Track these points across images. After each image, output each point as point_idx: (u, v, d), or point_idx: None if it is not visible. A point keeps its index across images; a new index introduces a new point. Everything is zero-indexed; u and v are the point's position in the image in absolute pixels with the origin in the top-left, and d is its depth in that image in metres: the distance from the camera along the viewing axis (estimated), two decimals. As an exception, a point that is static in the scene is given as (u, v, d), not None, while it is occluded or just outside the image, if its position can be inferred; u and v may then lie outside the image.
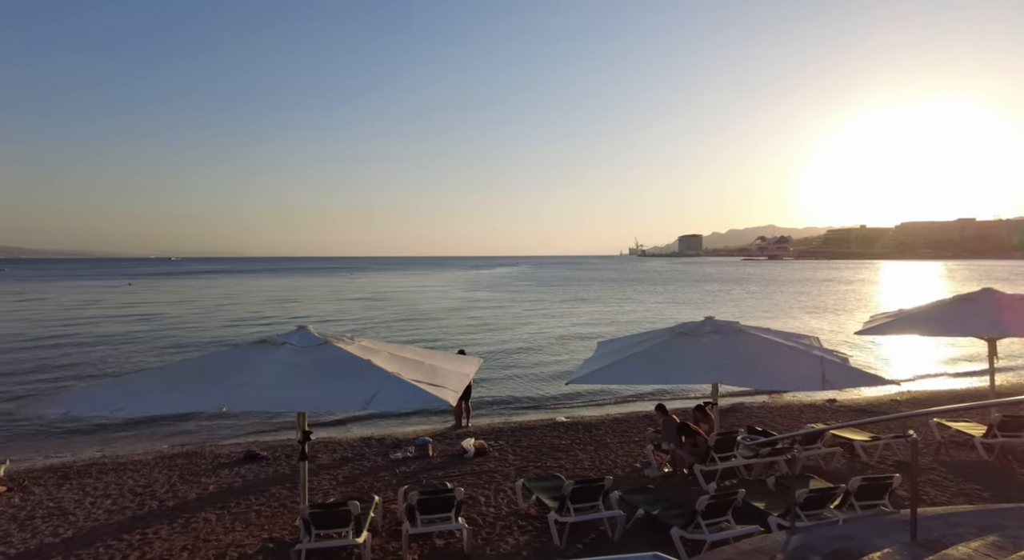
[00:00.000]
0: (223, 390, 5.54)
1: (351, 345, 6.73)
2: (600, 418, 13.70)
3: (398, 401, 5.46)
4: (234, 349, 6.57)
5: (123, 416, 8.38)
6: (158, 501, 8.73)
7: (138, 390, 5.68)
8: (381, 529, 7.50)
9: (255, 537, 7.37)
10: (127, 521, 8.00)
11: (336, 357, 6.27)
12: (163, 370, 6.22)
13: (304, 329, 6.93)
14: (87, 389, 6.10)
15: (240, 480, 9.61)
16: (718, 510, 6.52)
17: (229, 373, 5.92)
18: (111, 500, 8.80)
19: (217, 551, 6.98)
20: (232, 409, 5.14)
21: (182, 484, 9.48)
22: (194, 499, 8.80)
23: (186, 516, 8.09)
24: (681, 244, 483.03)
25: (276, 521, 7.88)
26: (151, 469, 10.37)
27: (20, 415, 10.18)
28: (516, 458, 10.56)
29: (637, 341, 9.78)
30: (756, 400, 15.56)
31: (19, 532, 7.67)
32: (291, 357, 6.23)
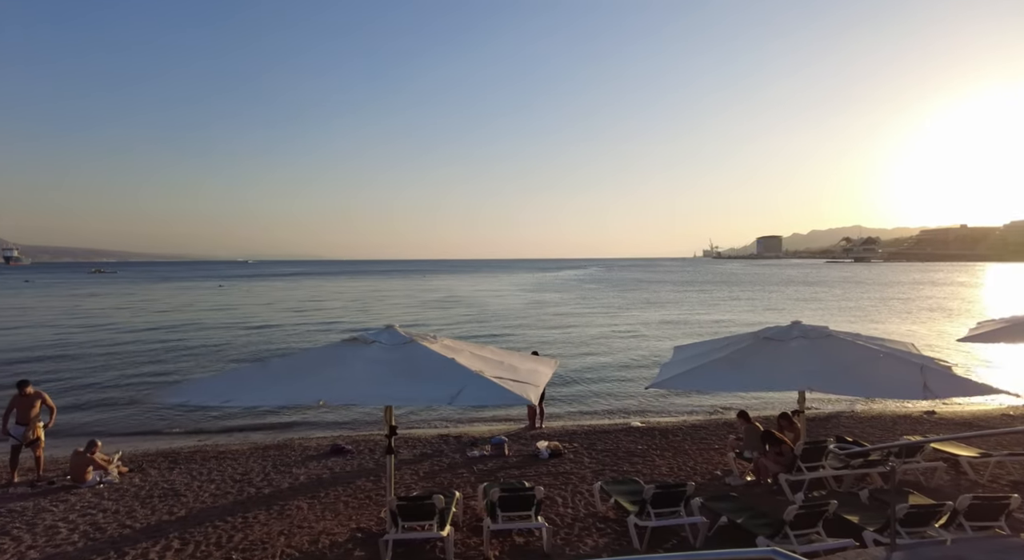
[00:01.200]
0: (319, 385, 5.89)
1: (435, 344, 6.98)
2: (676, 424, 13.42)
3: (481, 398, 5.62)
4: (327, 346, 6.96)
5: (232, 407, 9.15)
6: (255, 488, 9.35)
7: (244, 384, 6.15)
8: (462, 524, 7.70)
9: (344, 526, 7.75)
10: (230, 505, 8.63)
11: (422, 355, 6.52)
12: (264, 366, 6.69)
13: (392, 328, 7.25)
14: (201, 381, 6.66)
15: (328, 472, 10.13)
16: (808, 521, 6.27)
17: (324, 369, 6.29)
18: (215, 485, 9.51)
19: (310, 537, 7.41)
20: (328, 403, 5.47)
21: (275, 473, 10.10)
22: (287, 488, 9.35)
23: (281, 503, 8.63)
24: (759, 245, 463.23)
25: (363, 512, 8.26)
26: (247, 458, 11.10)
27: (148, 401, 11.23)
28: (592, 461, 10.53)
29: (718, 346, 9.53)
30: (845, 409, 14.75)
31: (141, 509, 8.45)
32: (380, 354, 6.53)
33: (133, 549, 7.13)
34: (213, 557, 6.90)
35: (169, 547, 7.18)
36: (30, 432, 9.89)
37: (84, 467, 9.63)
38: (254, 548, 7.12)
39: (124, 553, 7.03)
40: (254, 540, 7.35)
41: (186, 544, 7.26)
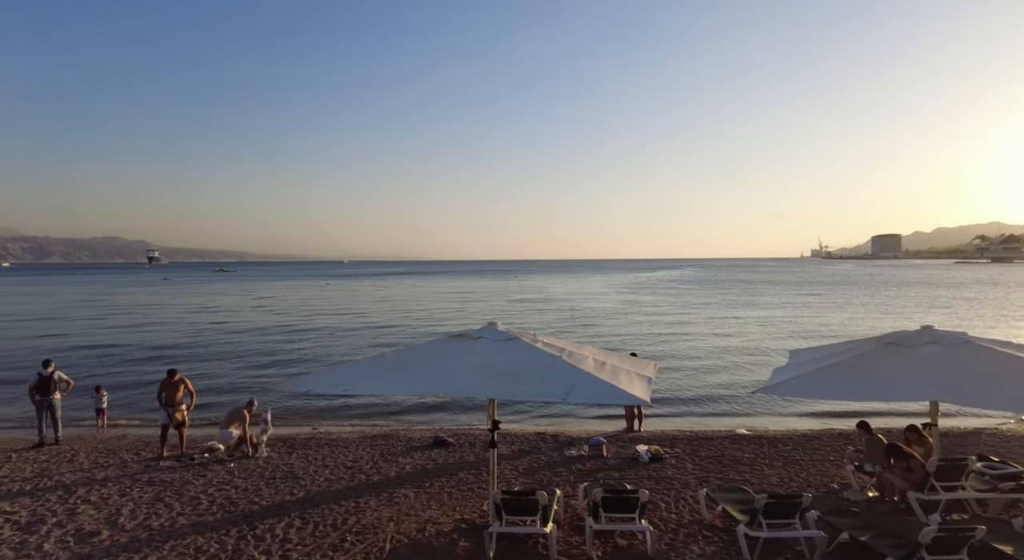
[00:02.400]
0: (434, 377, 6.15)
1: (537, 341, 7.07)
2: (786, 432, 12.68)
3: (592, 396, 5.63)
4: (436, 341, 7.24)
5: (351, 395, 9.74)
6: (365, 475, 9.89)
7: (361, 375, 6.54)
8: (563, 522, 7.73)
9: (448, 517, 8.01)
10: (343, 489, 9.18)
11: (527, 352, 6.62)
12: (380, 359, 7.07)
13: (494, 325, 7.41)
14: (322, 372, 7.16)
15: (431, 463, 10.52)
16: (949, 546, 5.70)
17: (435, 362, 6.56)
18: (329, 470, 10.17)
19: (417, 525, 7.73)
20: (444, 395, 5.70)
21: (383, 462, 10.63)
22: (394, 476, 9.82)
23: (389, 491, 9.07)
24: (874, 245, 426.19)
25: (466, 503, 8.50)
26: (357, 446, 11.76)
27: (275, 390, 12.29)
28: (695, 467, 10.19)
29: (836, 351, 8.90)
30: (987, 426, 13.26)
31: (266, 488, 9.21)
32: (487, 350, 6.71)
33: (261, 524, 7.78)
34: (330, 537, 7.38)
35: (292, 525, 7.76)
36: (176, 413, 11.08)
37: (235, 420, 10.90)
38: (366, 532, 7.53)
39: (254, 526, 7.69)
40: (366, 524, 7.78)
41: (306, 523, 7.82)
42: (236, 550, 7.01)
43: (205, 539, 7.33)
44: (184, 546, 7.13)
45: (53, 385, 12.00)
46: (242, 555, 6.88)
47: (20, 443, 12.15)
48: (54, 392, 12.01)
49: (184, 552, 6.96)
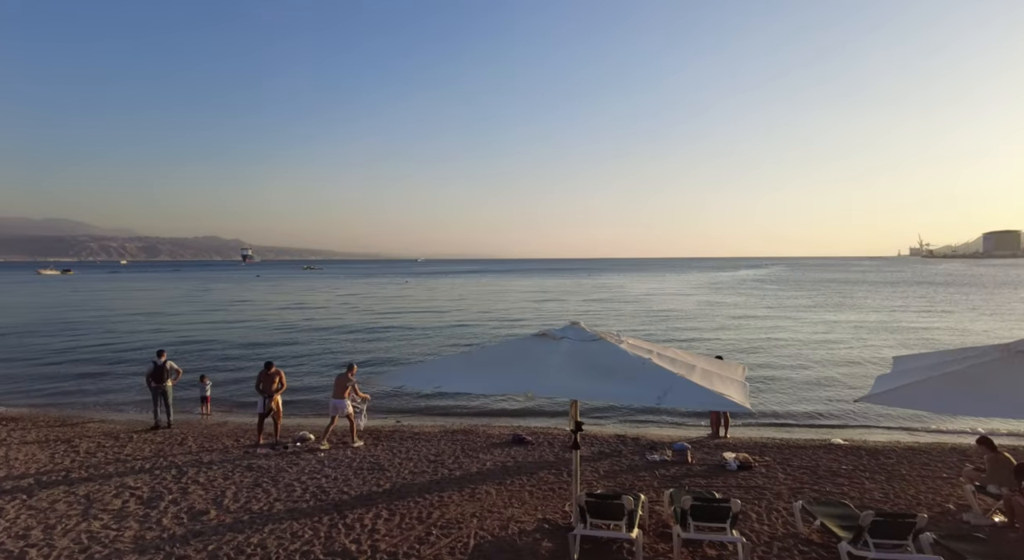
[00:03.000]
0: (522, 376, 6.14)
1: (622, 342, 6.90)
2: (888, 444, 11.77)
3: (688, 400, 5.41)
4: (520, 340, 7.22)
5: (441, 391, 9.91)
6: (447, 469, 10.07)
7: (450, 371, 6.63)
8: (648, 528, 7.53)
9: (531, 516, 8.01)
10: (426, 483, 9.39)
11: (614, 353, 6.47)
12: (466, 356, 7.15)
13: (577, 325, 7.31)
14: (413, 368, 7.32)
15: (511, 460, 10.57)
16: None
17: (521, 361, 6.54)
18: (413, 463, 10.44)
19: (500, 523, 7.77)
20: (535, 394, 5.67)
21: (464, 457, 10.78)
22: (475, 472, 9.93)
23: (471, 487, 9.18)
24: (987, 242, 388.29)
25: (547, 503, 8.47)
26: (438, 440, 12.01)
27: (369, 383, 12.79)
28: (787, 478, 9.65)
29: (950, 358, 8.11)
30: None
31: (354, 478, 9.58)
32: (572, 350, 6.61)
33: (351, 513, 8.09)
34: (415, 530, 7.56)
35: (379, 516, 8.01)
36: (271, 403, 11.74)
37: (343, 387, 11.55)
38: (450, 526, 7.66)
39: (344, 515, 8.00)
40: (450, 519, 7.91)
41: (392, 515, 8.05)
42: (328, 537, 7.32)
43: (300, 525, 7.70)
44: (281, 530, 7.53)
45: (166, 373, 13.04)
46: (334, 543, 7.17)
47: (139, 425, 13.30)
48: (166, 380, 13.05)
49: (281, 536, 7.34)
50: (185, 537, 7.33)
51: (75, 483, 9.32)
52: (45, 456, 10.84)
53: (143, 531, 7.52)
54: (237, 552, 6.90)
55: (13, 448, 11.34)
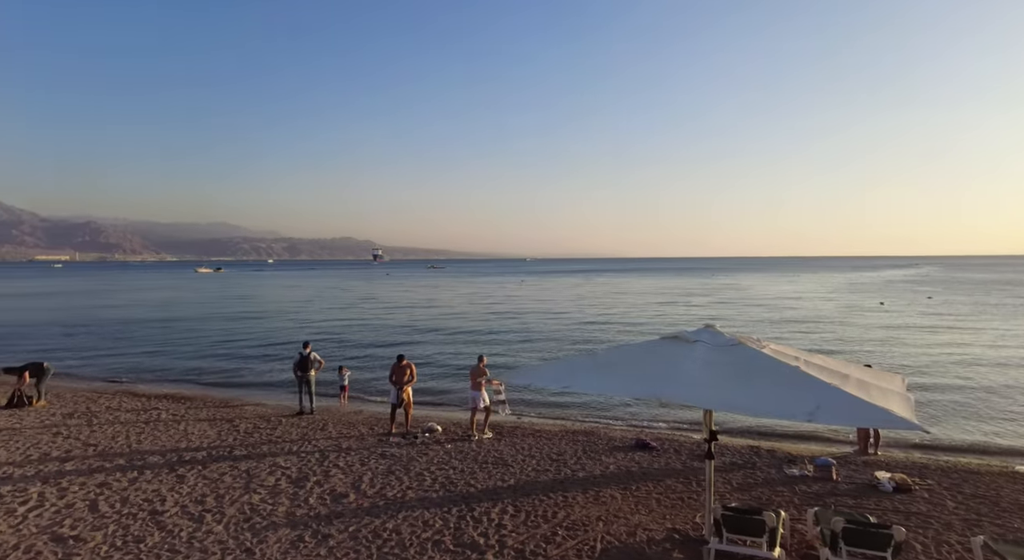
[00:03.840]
0: (652, 380, 5.91)
1: (764, 348, 6.41)
2: (1091, 477, 9.94)
3: (847, 416, 4.88)
4: (650, 343, 6.97)
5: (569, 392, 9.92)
6: (570, 470, 10.00)
7: (578, 371, 6.55)
8: (790, 548, 6.94)
9: (659, 524, 7.70)
10: (549, 482, 9.38)
11: (756, 360, 6.03)
12: (593, 356, 7.03)
13: (712, 328, 6.90)
14: (540, 367, 7.34)
15: (636, 465, 10.26)
16: None
17: (651, 365, 6.30)
18: (535, 460, 10.48)
19: (627, 529, 7.55)
20: (667, 401, 5.42)
21: (586, 459, 10.65)
22: (599, 475, 9.76)
23: (595, 489, 9.02)
24: None
25: (677, 513, 8.10)
26: (559, 440, 11.97)
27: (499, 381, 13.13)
28: (958, 506, 8.46)
29: None
30: None
31: (480, 472, 9.81)
32: (708, 355, 6.25)
33: (478, 506, 8.27)
34: (541, 529, 7.56)
35: (505, 511, 8.12)
36: (402, 394, 12.37)
37: (478, 376, 11.88)
38: (576, 528, 7.57)
39: (472, 508, 8.20)
40: (575, 520, 7.82)
41: (518, 511, 8.12)
42: (457, 529, 7.53)
43: (431, 514, 8.00)
44: (414, 518, 7.87)
45: (310, 364, 14.21)
46: (463, 534, 7.37)
47: (286, 410, 14.62)
48: (311, 370, 14.22)
49: (414, 524, 7.67)
50: (329, 517, 7.90)
51: (238, 459, 10.42)
52: (213, 433, 12.24)
53: (293, 508, 8.21)
54: (375, 536, 7.31)
55: (190, 424, 12.94)
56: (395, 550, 6.93)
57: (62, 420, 13.20)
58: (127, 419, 13.39)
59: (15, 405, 14.35)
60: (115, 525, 7.58)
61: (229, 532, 7.38)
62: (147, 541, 7.12)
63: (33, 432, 12.14)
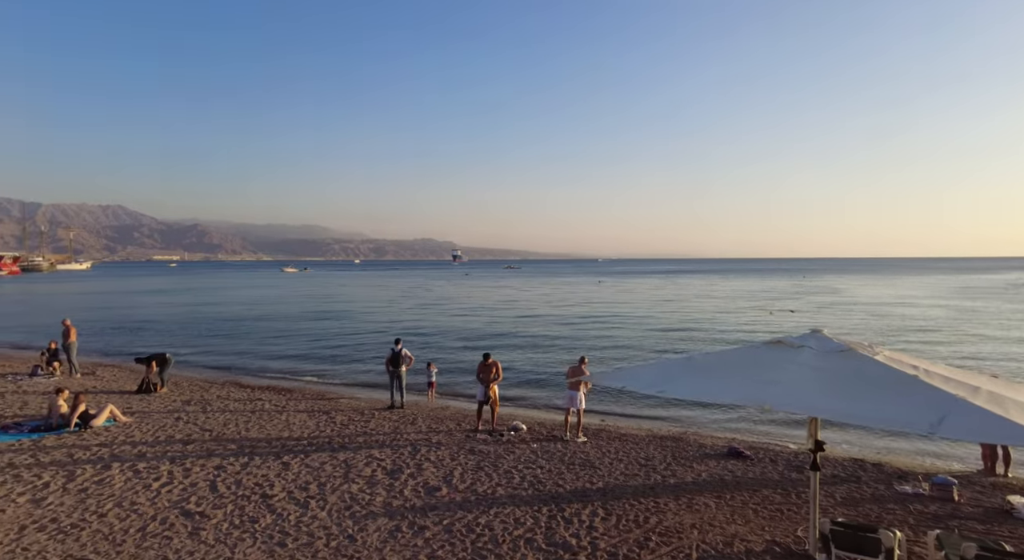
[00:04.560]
0: (751, 386, 5.69)
1: (878, 355, 6.00)
2: None
3: (975, 431, 4.48)
4: (750, 347, 6.71)
5: (665, 396, 9.76)
6: (660, 475, 9.78)
7: (673, 375, 6.40)
8: (908, 573, 6.46)
9: (757, 536, 7.39)
10: (639, 486, 9.22)
11: (869, 367, 5.66)
12: (689, 360, 6.85)
13: (819, 333, 6.55)
14: (634, 369, 7.26)
15: (729, 474, 9.89)
16: None
17: (752, 370, 6.06)
18: (623, 464, 10.34)
19: (723, 538, 7.30)
20: (772, 408, 5.19)
21: (676, 465, 10.38)
22: (690, 482, 9.49)
23: (687, 496, 8.78)
24: None
25: (776, 525, 7.74)
26: (647, 444, 11.74)
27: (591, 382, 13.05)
28: (1108, 538, 7.54)
29: None
30: None
31: (567, 472, 9.80)
32: (815, 361, 5.94)
33: (568, 507, 8.27)
34: (634, 533, 7.45)
35: (596, 513, 8.07)
36: (489, 392, 12.58)
37: (577, 373, 11.83)
38: (669, 535, 7.40)
39: (562, 509, 8.21)
40: (668, 527, 7.65)
41: (609, 514, 8.05)
42: (548, 528, 7.56)
43: (521, 512, 8.09)
44: (505, 515, 7.98)
45: (401, 359, 14.76)
46: (554, 534, 7.39)
47: (378, 404, 15.25)
48: (402, 365, 14.76)
49: (506, 521, 7.79)
50: (423, 509, 8.17)
51: (336, 450, 10.99)
52: (312, 424, 12.97)
53: (390, 498, 8.56)
54: (468, 530, 7.49)
55: (291, 415, 13.79)
56: (488, 545, 7.06)
57: (181, 406, 14.45)
58: (235, 408, 14.46)
59: (144, 391, 15.87)
60: (232, 505, 8.21)
61: (332, 518, 7.80)
62: (260, 522, 7.66)
63: (159, 416, 13.37)
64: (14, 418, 12.82)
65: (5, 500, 8.27)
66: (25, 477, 9.19)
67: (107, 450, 10.69)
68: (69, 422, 11.97)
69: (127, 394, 15.73)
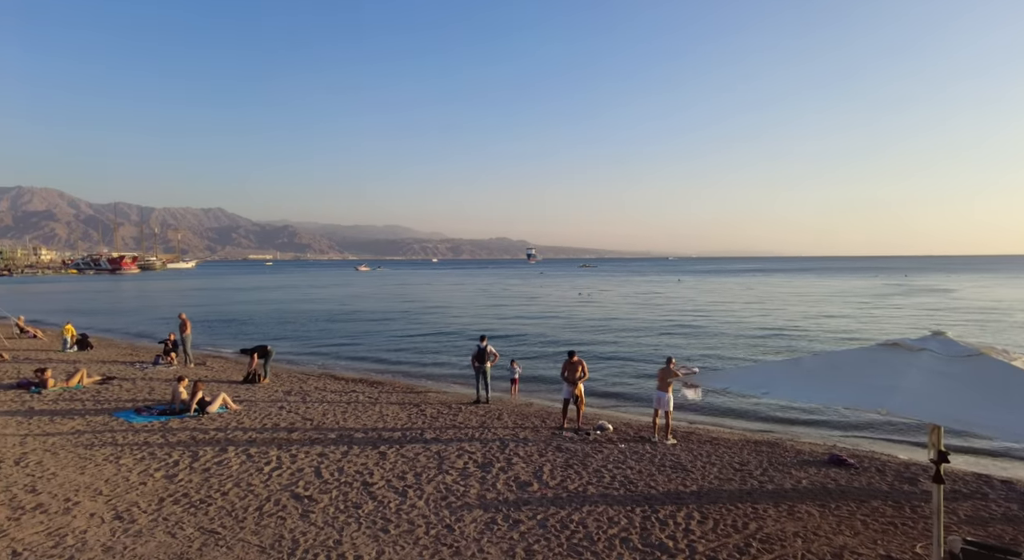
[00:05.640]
0: (868, 390, 5.38)
1: (1016, 360, 5.50)
2: None
3: None
4: (863, 350, 6.33)
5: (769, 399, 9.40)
6: (756, 481, 9.43)
7: (779, 377, 6.16)
8: (1049, 600, 5.89)
9: (869, 550, 6.98)
10: (735, 491, 8.94)
11: (1004, 374, 5.20)
12: (796, 362, 6.57)
13: (943, 335, 6.09)
14: (736, 371, 7.06)
15: (832, 482, 9.38)
16: None
17: (867, 373, 5.72)
18: (716, 468, 10.05)
19: (831, 550, 6.95)
20: (890, 413, 4.89)
21: (774, 471, 9.96)
22: (790, 489, 9.09)
23: (788, 504, 8.42)
24: None
25: (889, 538, 7.28)
26: (740, 449, 11.34)
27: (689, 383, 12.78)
28: None
29: None
30: None
31: (658, 474, 9.66)
32: (938, 366, 5.52)
33: (662, 509, 8.16)
34: (732, 538, 7.24)
35: (691, 516, 7.90)
36: (574, 390, 12.58)
37: (667, 378, 11.66)
38: (771, 542, 7.14)
39: (656, 510, 8.10)
40: (769, 534, 7.38)
41: (705, 518, 7.86)
42: (644, 529, 7.49)
43: (614, 511, 8.06)
44: (598, 513, 7.98)
45: (486, 356, 15.04)
46: (649, 535, 7.32)
47: (464, 398, 15.64)
48: (487, 361, 15.04)
49: (599, 519, 7.79)
50: (516, 503, 8.31)
51: (428, 442, 11.38)
52: (404, 415, 13.49)
53: (483, 491, 8.77)
54: (562, 526, 7.55)
55: (384, 406, 14.41)
56: (583, 543, 7.09)
57: (283, 396, 15.44)
58: (332, 398, 15.27)
59: (249, 381, 17.09)
60: (337, 491, 8.70)
61: (430, 508, 8.10)
62: (363, 508, 8.07)
63: (264, 404, 14.36)
64: (145, 402, 14.19)
65: (145, 474, 9.20)
66: (158, 455, 10.18)
67: (222, 434, 11.61)
68: (189, 407, 13.10)
69: (234, 383, 16.98)
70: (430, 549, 6.87)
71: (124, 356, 21.99)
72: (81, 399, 14.52)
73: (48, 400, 14.38)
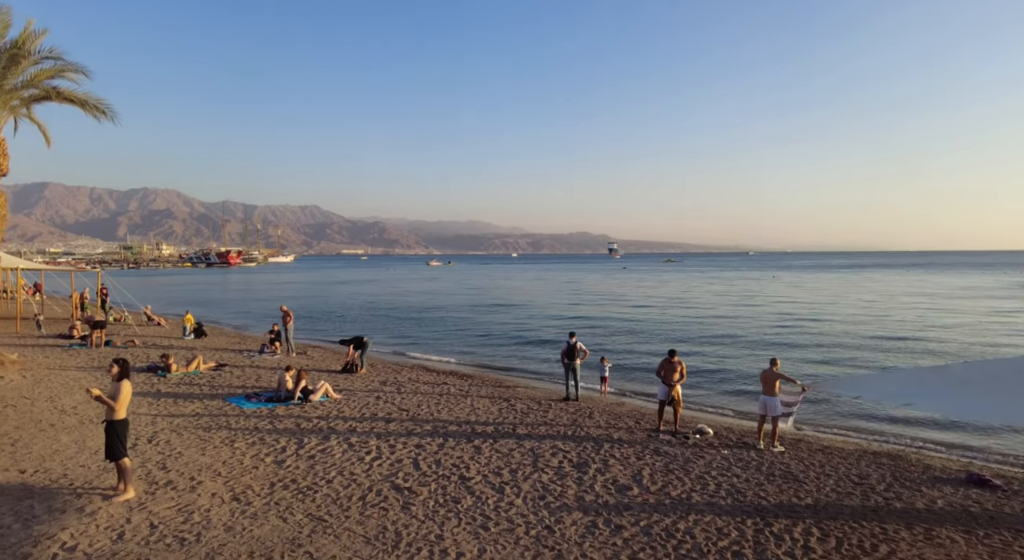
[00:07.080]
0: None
1: None
2: None
3: None
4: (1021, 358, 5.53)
5: (912, 410, 8.65)
6: (881, 497, 8.58)
7: (923, 387, 5.50)
8: None
9: (1030, 586, 6.11)
10: (857, 507, 8.17)
11: None
12: (943, 371, 5.86)
13: None
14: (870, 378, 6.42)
15: (975, 505, 8.36)
16: None
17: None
18: (832, 481, 9.24)
19: (981, 582, 6.15)
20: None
21: (900, 487, 9.03)
22: (923, 509, 8.18)
23: (923, 526, 7.57)
24: None
25: (1054, 576, 6.35)
26: (857, 460, 10.40)
27: (816, 389, 11.91)
28: None
29: None
30: None
31: (767, 483, 9.02)
32: None
33: (776, 522, 7.57)
34: (860, 561, 6.59)
35: (810, 533, 7.28)
36: (672, 392, 12.06)
37: (773, 383, 10.85)
38: (907, 568, 6.43)
39: (768, 524, 7.54)
40: (904, 558, 6.65)
41: (826, 536, 7.22)
42: (757, 543, 6.98)
43: (722, 522, 7.58)
44: (705, 523, 7.54)
45: (576, 353, 14.77)
46: (764, 550, 6.80)
47: (553, 395, 15.47)
48: (576, 358, 14.77)
49: (707, 529, 7.34)
50: (617, 507, 8.01)
51: (521, 438, 11.29)
52: (495, 409, 13.50)
53: (581, 492, 8.54)
54: (667, 535, 7.18)
55: (475, 400, 14.50)
56: (692, 554, 6.70)
57: (379, 387, 15.92)
58: (425, 390, 15.57)
59: (347, 371, 17.79)
60: (435, 484, 8.77)
61: (528, 507, 7.97)
62: (462, 503, 8.07)
63: (362, 394, 14.86)
64: (253, 388, 15.10)
65: (257, 458, 9.72)
66: (267, 440, 10.73)
67: (324, 423, 12.08)
68: (293, 395, 13.76)
69: (333, 373, 17.72)
70: (531, 550, 6.72)
71: (233, 344, 23.57)
72: (199, 384, 15.67)
73: (171, 384, 15.63)
